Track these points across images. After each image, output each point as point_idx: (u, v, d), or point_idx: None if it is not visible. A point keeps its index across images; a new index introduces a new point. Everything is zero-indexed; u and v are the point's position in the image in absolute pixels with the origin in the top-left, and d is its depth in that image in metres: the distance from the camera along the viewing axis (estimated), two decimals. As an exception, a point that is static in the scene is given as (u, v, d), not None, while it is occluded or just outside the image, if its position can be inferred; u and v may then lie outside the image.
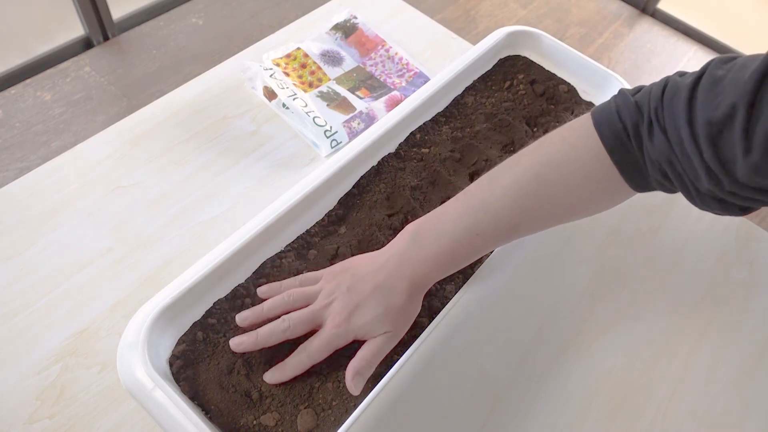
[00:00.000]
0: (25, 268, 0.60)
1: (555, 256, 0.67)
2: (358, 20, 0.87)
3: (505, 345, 0.60)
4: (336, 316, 0.45)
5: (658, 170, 0.42)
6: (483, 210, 0.46)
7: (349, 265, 0.49)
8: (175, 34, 1.89)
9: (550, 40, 0.70)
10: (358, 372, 0.44)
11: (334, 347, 0.45)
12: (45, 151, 1.56)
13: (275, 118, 0.76)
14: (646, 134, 0.42)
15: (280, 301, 0.47)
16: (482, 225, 0.46)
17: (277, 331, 0.46)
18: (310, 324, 0.46)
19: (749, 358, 0.62)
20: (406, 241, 0.47)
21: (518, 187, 0.46)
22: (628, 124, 0.43)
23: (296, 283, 0.49)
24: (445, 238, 0.46)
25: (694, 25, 2.20)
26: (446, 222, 0.47)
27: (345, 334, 0.45)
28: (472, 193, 0.48)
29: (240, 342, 0.46)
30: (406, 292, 0.46)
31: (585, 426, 0.56)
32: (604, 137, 0.44)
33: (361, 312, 0.45)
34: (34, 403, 0.52)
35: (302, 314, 0.46)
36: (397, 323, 0.46)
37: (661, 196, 0.74)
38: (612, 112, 0.44)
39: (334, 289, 0.47)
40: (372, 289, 0.45)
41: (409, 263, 0.46)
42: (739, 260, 0.70)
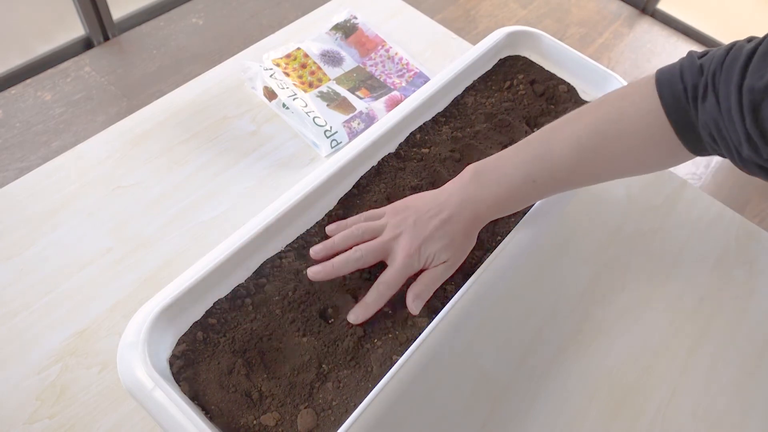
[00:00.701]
0: (25, 268, 0.60)
1: (555, 256, 0.67)
2: (358, 20, 0.87)
3: (505, 345, 0.60)
4: (406, 246, 0.49)
5: (708, 133, 0.43)
6: (541, 159, 0.49)
7: (410, 203, 0.52)
8: (175, 34, 1.89)
9: (550, 40, 0.70)
10: (418, 295, 0.49)
11: (406, 275, 0.49)
12: (45, 151, 1.56)
13: (275, 118, 0.76)
14: (701, 96, 0.43)
15: (350, 234, 0.51)
16: (540, 173, 0.49)
17: (351, 260, 0.49)
18: (381, 254, 0.50)
19: (749, 358, 0.62)
20: (466, 182, 0.51)
21: (577, 140, 0.48)
22: (689, 85, 0.44)
23: (361, 219, 0.53)
24: (504, 182, 0.49)
25: (694, 25, 2.20)
26: (506, 166, 0.50)
27: (416, 264, 0.49)
28: (532, 143, 0.50)
29: (317, 271, 0.49)
30: (466, 227, 0.50)
31: (585, 426, 0.56)
32: (664, 97, 0.45)
33: (429, 243, 0.49)
34: (34, 403, 0.52)
35: (373, 245, 0.50)
36: (456, 255, 0.50)
37: (661, 197, 0.74)
38: (675, 73, 0.45)
39: (401, 223, 0.50)
40: (438, 223, 0.49)
41: (469, 202, 0.50)
42: (739, 260, 0.70)
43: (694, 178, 1.80)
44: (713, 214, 0.74)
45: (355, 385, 0.46)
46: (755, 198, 1.78)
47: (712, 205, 0.75)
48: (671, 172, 0.77)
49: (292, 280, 0.51)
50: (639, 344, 0.62)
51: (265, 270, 0.51)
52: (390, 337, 0.49)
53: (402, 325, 0.49)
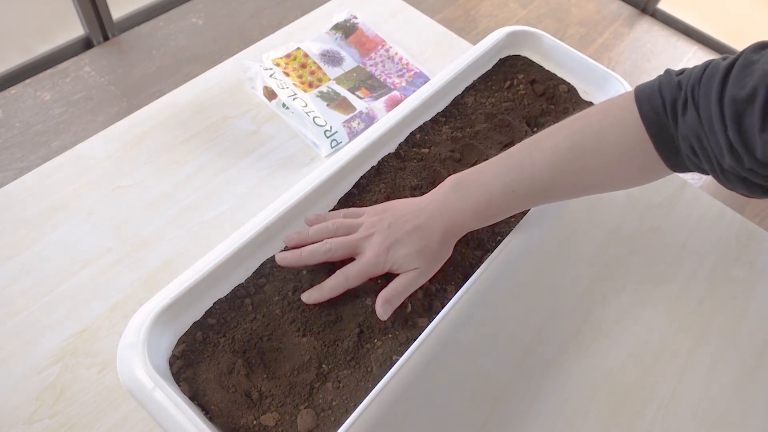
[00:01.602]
0: (25, 268, 0.60)
1: (555, 256, 0.67)
2: (358, 20, 0.87)
3: (505, 345, 0.60)
4: (375, 246, 0.49)
5: (689, 146, 0.44)
6: (520, 170, 0.49)
7: (390, 206, 0.52)
8: (175, 34, 1.89)
9: (550, 40, 0.70)
10: (388, 300, 0.48)
11: (369, 275, 0.49)
12: (45, 151, 1.56)
13: (275, 118, 0.76)
14: (681, 110, 0.44)
15: (324, 227, 0.51)
16: (519, 184, 0.49)
17: (320, 251, 0.49)
18: (350, 250, 0.50)
19: (749, 358, 0.62)
20: (447, 191, 0.51)
21: (556, 152, 0.48)
22: (668, 100, 0.45)
23: (340, 215, 0.53)
24: (483, 192, 0.50)
25: (694, 25, 2.20)
26: (485, 176, 0.50)
27: (381, 264, 0.49)
28: (512, 154, 0.51)
29: (284, 257, 0.50)
30: (441, 236, 0.49)
31: (585, 426, 0.56)
32: (644, 112, 0.45)
33: (399, 247, 0.49)
34: (34, 403, 0.52)
35: (344, 240, 0.50)
36: (429, 262, 0.49)
37: (661, 196, 0.74)
38: (654, 88, 0.46)
39: (376, 224, 0.50)
40: (411, 228, 0.49)
41: (447, 211, 0.50)
42: (739, 260, 0.70)
43: (694, 178, 1.80)
44: (713, 214, 0.74)
45: (355, 385, 0.46)
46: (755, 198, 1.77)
47: (712, 205, 0.75)
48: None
49: (291, 280, 0.51)
50: (639, 344, 0.62)
51: (265, 270, 0.51)
52: (390, 337, 0.49)
53: (402, 325, 0.49)
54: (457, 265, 0.53)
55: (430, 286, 0.52)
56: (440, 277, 0.52)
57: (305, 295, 0.49)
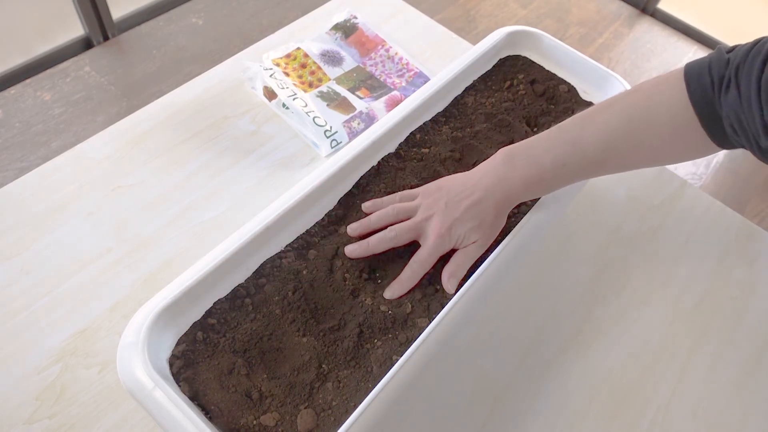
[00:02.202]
0: (25, 268, 0.60)
1: (555, 256, 0.67)
2: (358, 20, 0.87)
3: (505, 345, 0.60)
4: (437, 228, 0.51)
5: (730, 125, 0.44)
6: (572, 143, 0.50)
7: (443, 184, 0.54)
8: (175, 34, 1.89)
9: (550, 40, 0.70)
10: (453, 274, 0.51)
11: (438, 254, 0.52)
12: (45, 151, 1.56)
13: (275, 118, 0.76)
14: (725, 88, 0.44)
15: (385, 214, 0.54)
16: (570, 157, 0.50)
17: (386, 239, 0.52)
18: (414, 234, 0.52)
19: (749, 358, 0.62)
20: (498, 164, 0.52)
21: (608, 126, 0.49)
22: (716, 78, 0.45)
23: (396, 199, 0.55)
24: (534, 165, 0.51)
25: (694, 25, 2.20)
26: (537, 149, 0.52)
27: (447, 243, 0.51)
28: (565, 128, 0.52)
29: (353, 249, 0.52)
30: (496, 209, 0.52)
31: (585, 426, 0.56)
32: (692, 89, 0.46)
33: (459, 225, 0.51)
34: (34, 403, 0.52)
35: (406, 225, 0.52)
36: (487, 234, 0.52)
37: (661, 196, 0.74)
38: (704, 65, 0.46)
39: (433, 205, 0.53)
40: (468, 205, 0.51)
41: (500, 184, 0.52)
42: (739, 260, 0.70)
43: (694, 178, 1.80)
44: (713, 214, 0.74)
45: (355, 385, 0.46)
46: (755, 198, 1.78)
47: (712, 205, 0.75)
48: (671, 172, 0.77)
49: (292, 280, 0.51)
50: (639, 344, 0.62)
51: (265, 270, 0.51)
52: (390, 337, 0.49)
53: (402, 325, 0.49)
54: (457, 265, 0.53)
55: (430, 287, 0.52)
56: (440, 277, 0.52)
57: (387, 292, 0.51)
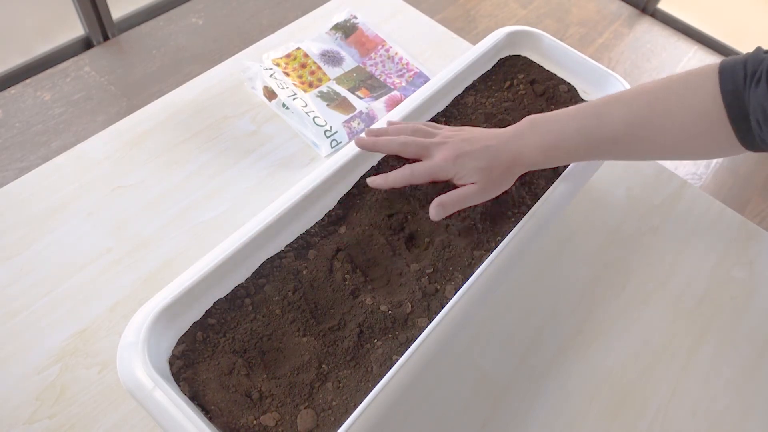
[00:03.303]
0: (25, 268, 0.60)
1: (555, 256, 0.67)
2: (358, 20, 0.87)
3: (505, 345, 0.60)
4: (445, 152, 0.52)
5: (755, 119, 0.45)
6: (597, 117, 0.51)
7: (467, 128, 0.56)
8: (175, 34, 1.89)
9: (550, 40, 0.70)
10: (442, 203, 0.51)
11: (434, 176, 0.52)
12: (45, 151, 1.56)
13: (275, 118, 0.76)
14: (755, 82, 0.44)
15: (404, 127, 0.56)
16: (591, 129, 0.51)
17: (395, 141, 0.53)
18: (422, 151, 0.53)
19: (749, 358, 0.62)
20: (523, 127, 0.54)
21: (634, 105, 0.50)
22: (749, 72, 0.45)
23: (420, 124, 0.57)
24: (556, 131, 0.52)
25: (694, 25, 2.20)
26: (561, 119, 0.53)
27: (448, 168, 0.52)
28: (592, 103, 0.53)
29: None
30: (507, 163, 0.53)
31: (585, 426, 0.56)
32: (724, 81, 0.46)
33: (467, 158, 0.52)
34: (34, 403, 0.52)
35: (418, 140, 0.54)
36: (490, 183, 0.52)
37: (661, 196, 0.74)
38: (740, 61, 0.47)
39: (451, 137, 0.54)
40: (482, 146, 0.53)
41: (520, 143, 0.53)
42: (739, 260, 0.70)
43: (694, 178, 1.80)
44: (713, 214, 0.74)
45: (355, 385, 0.46)
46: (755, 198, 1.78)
47: (712, 205, 0.75)
48: (671, 172, 0.77)
49: (291, 280, 0.51)
50: (639, 344, 0.62)
51: (265, 270, 0.51)
52: (390, 337, 0.49)
53: (402, 325, 0.49)
54: (456, 265, 0.53)
55: (429, 286, 0.52)
56: (440, 277, 0.52)
57: (370, 179, 0.53)
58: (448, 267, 0.53)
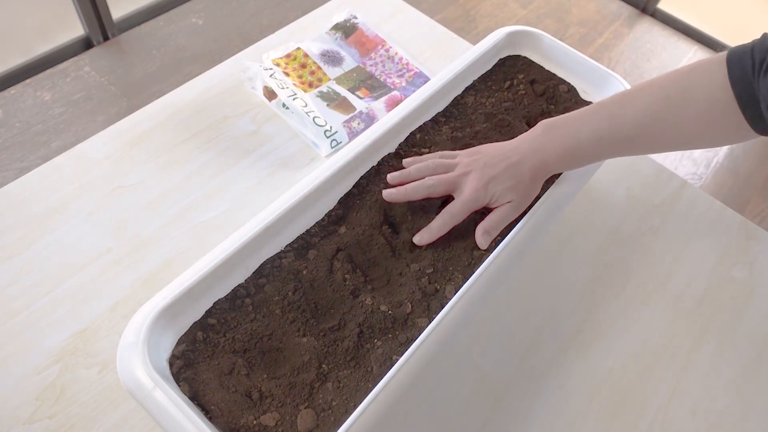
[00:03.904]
0: (25, 268, 0.60)
1: (555, 256, 0.67)
2: (358, 20, 0.87)
3: (505, 345, 0.60)
4: (474, 182, 0.53)
5: (766, 105, 0.45)
6: (610, 118, 0.52)
7: (483, 149, 0.57)
8: (175, 34, 1.89)
9: (550, 40, 0.70)
10: (487, 231, 0.53)
11: (471, 209, 0.54)
12: (45, 151, 1.56)
13: (275, 118, 0.76)
14: (765, 69, 0.45)
15: (425, 167, 0.56)
16: (606, 131, 0.52)
17: (423, 186, 0.54)
18: (451, 186, 0.54)
19: (749, 358, 0.62)
20: (538, 134, 0.55)
21: (645, 102, 0.51)
22: (757, 60, 0.46)
23: (436, 156, 0.58)
24: (572, 136, 0.53)
25: (694, 25, 2.20)
26: (576, 122, 0.53)
27: (481, 199, 0.53)
28: (604, 104, 0.53)
29: (390, 193, 0.55)
30: (531, 173, 0.54)
31: (585, 426, 0.56)
32: (732, 70, 0.47)
33: (495, 183, 0.53)
34: (34, 403, 0.52)
35: (444, 177, 0.54)
36: (522, 197, 0.54)
37: (661, 196, 0.74)
38: (747, 49, 0.47)
39: (472, 163, 0.55)
40: (505, 166, 0.54)
41: (538, 152, 0.54)
42: (739, 260, 0.70)
43: (694, 178, 1.80)
44: (713, 214, 0.74)
45: (355, 385, 0.46)
46: (755, 198, 1.78)
47: (712, 205, 0.75)
48: (671, 172, 0.77)
49: (292, 280, 0.51)
50: (639, 344, 0.62)
51: (265, 270, 0.51)
52: (390, 337, 0.49)
53: (402, 325, 0.49)
54: (456, 265, 0.53)
55: (429, 286, 0.52)
56: (440, 277, 0.52)
57: (417, 237, 0.53)
58: (448, 267, 0.53)
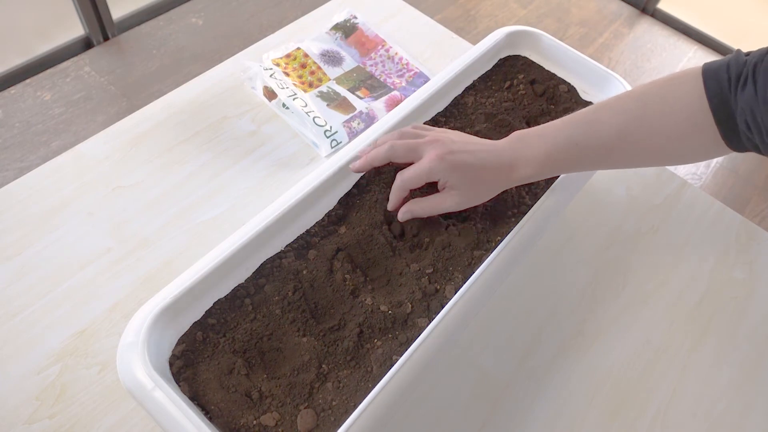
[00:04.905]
0: (25, 268, 0.60)
1: (555, 256, 0.67)
2: (358, 20, 0.87)
3: (505, 345, 0.60)
4: (433, 152, 0.51)
5: (744, 120, 0.45)
6: (586, 126, 0.51)
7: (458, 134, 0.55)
8: (175, 34, 1.89)
9: (550, 40, 0.70)
10: (411, 210, 0.52)
11: (423, 179, 0.52)
12: (45, 151, 1.56)
13: (275, 118, 0.76)
14: (741, 84, 0.45)
15: (391, 135, 0.55)
16: (582, 137, 0.51)
17: (383, 150, 0.53)
18: (411, 154, 0.52)
19: (749, 358, 0.62)
20: (512, 141, 0.53)
21: (622, 112, 0.50)
22: (733, 76, 0.46)
23: (410, 127, 0.56)
24: (546, 143, 0.52)
25: (694, 25, 2.20)
26: (550, 130, 0.52)
27: (435, 171, 0.51)
28: (579, 113, 0.53)
29: (354, 164, 0.54)
30: (494, 174, 0.52)
31: (585, 426, 0.56)
32: (708, 85, 0.47)
33: (453, 158, 0.51)
34: (34, 403, 0.52)
35: (407, 142, 0.53)
36: (470, 191, 0.52)
37: (661, 196, 0.74)
38: (723, 64, 0.47)
39: (442, 137, 0.53)
40: (473, 152, 0.52)
41: (511, 156, 0.52)
42: (739, 260, 0.70)
43: (694, 178, 1.80)
44: (713, 214, 0.74)
45: (355, 385, 0.46)
46: (755, 198, 1.78)
47: (712, 205, 0.75)
48: (671, 172, 0.77)
49: (291, 280, 0.51)
50: (639, 344, 0.62)
51: (265, 270, 0.51)
52: (390, 337, 0.49)
53: (402, 325, 0.49)
54: (456, 265, 0.53)
55: (429, 286, 0.52)
56: (440, 277, 0.52)
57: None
58: (448, 267, 0.53)
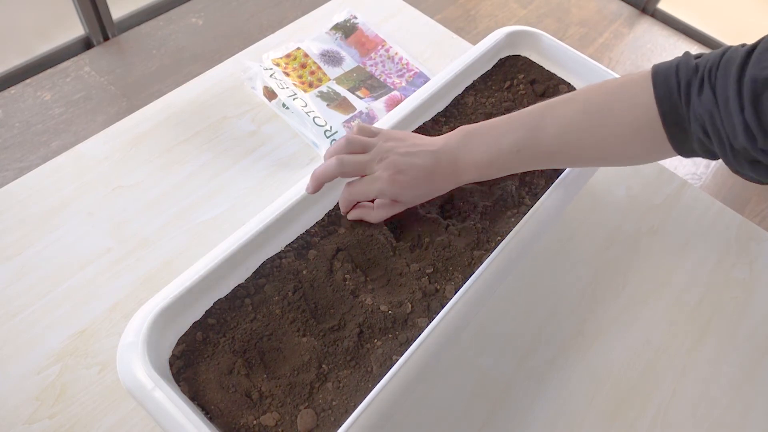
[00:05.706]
0: (25, 268, 0.60)
1: (555, 256, 0.67)
2: (358, 20, 0.87)
3: (505, 345, 0.60)
4: (385, 174, 0.52)
5: (700, 126, 0.44)
6: (530, 129, 0.51)
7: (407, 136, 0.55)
8: (175, 34, 1.89)
9: (550, 40, 0.70)
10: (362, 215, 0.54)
11: (372, 197, 0.53)
12: (45, 151, 1.56)
13: (275, 118, 0.76)
14: (696, 90, 0.44)
15: (337, 145, 0.54)
16: (525, 143, 0.51)
17: (332, 167, 0.52)
18: (361, 168, 0.52)
19: (749, 358, 0.62)
20: (457, 141, 0.53)
21: (566, 117, 0.50)
22: (682, 81, 0.45)
23: (355, 129, 0.56)
24: (488, 148, 0.52)
25: (694, 25, 2.20)
26: (494, 133, 0.52)
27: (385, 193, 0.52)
28: (524, 114, 0.52)
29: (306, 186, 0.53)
30: (443, 177, 0.53)
31: (585, 426, 0.56)
32: (658, 90, 0.46)
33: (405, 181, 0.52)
34: (34, 403, 0.52)
35: (357, 158, 0.52)
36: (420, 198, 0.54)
37: (661, 196, 0.74)
38: (671, 67, 0.46)
39: (390, 150, 0.53)
40: (418, 160, 0.52)
41: (456, 157, 0.52)
42: (739, 260, 0.70)
43: (694, 178, 1.80)
44: (713, 214, 0.74)
45: (355, 385, 0.46)
46: (755, 198, 1.78)
47: (712, 205, 0.75)
48: (671, 172, 0.77)
49: (291, 280, 0.51)
50: (639, 344, 0.62)
51: (265, 270, 0.51)
52: (390, 337, 0.49)
53: (402, 325, 0.49)
54: (456, 265, 0.53)
55: (429, 286, 0.52)
56: (440, 277, 0.52)
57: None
58: (448, 267, 0.53)
